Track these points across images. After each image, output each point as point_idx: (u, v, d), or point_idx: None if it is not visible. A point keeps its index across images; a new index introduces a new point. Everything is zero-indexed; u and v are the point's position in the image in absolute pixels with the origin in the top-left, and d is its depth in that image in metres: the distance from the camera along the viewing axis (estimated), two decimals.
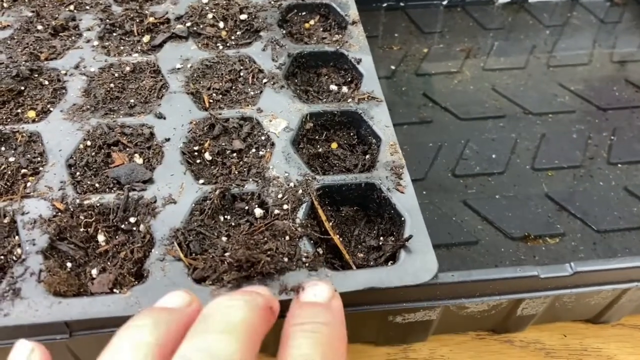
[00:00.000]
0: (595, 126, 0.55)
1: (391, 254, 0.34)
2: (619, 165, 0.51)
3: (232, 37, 0.48)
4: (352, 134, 0.43)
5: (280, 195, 0.36)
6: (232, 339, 0.22)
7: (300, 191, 0.36)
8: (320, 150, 0.41)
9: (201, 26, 0.49)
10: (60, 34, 0.48)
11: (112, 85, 0.44)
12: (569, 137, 0.54)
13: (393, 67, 0.60)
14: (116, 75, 0.44)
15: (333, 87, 0.45)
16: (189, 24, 0.49)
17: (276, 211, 0.35)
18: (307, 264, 0.32)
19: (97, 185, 0.37)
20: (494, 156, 0.52)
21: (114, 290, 0.32)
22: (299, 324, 0.25)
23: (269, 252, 0.32)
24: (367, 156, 0.40)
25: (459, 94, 0.58)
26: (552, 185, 0.50)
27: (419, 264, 0.32)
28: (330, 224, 0.36)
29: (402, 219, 0.35)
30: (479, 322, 0.39)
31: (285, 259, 0.32)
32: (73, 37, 0.48)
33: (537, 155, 0.52)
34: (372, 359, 0.39)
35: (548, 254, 0.45)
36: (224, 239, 0.34)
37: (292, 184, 0.36)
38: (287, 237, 0.33)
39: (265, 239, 0.33)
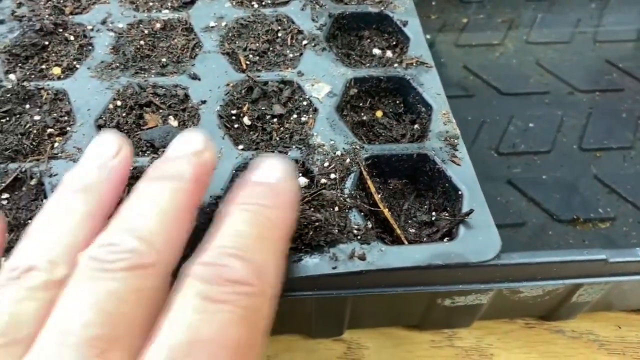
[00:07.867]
0: None
1: (448, 230, 0.31)
2: None
3: None
4: (398, 102, 0.40)
5: (326, 164, 0.33)
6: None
7: (348, 160, 0.33)
8: (365, 118, 0.38)
9: None
10: None
11: (142, 42, 0.41)
12: (617, 116, 0.51)
13: (430, 38, 0.57)
14: (146, 32, 0.42)
15: (376, 51, 0.42)
16: None
17: (323, 180, 0.32)
18: (358, 237, 0.30)
19: None
20: (539, 134, 0.49)
21: None
22: (240, 204, 0.22)
23: (316, 223, 0.30)
24: (416, 126, 0.37)
25: (501, 67, 0.55)
26: (601, 166, 0.47)
27: (482, 240, 0.30)
28: (379, 196, 0.34)
29: (459, 192, 0.32)
30: (529, 308, 0.36)
31: (335, 231, 0.30)
32: None
33: (584, 135, 0.49)
34: (416, 345, 0.36)
35: (599, 238, 0.42)
36: None
37: (338, 153, 0.34)
38: (337, 208, 0.31)
39: (312, 209, 0.31)
